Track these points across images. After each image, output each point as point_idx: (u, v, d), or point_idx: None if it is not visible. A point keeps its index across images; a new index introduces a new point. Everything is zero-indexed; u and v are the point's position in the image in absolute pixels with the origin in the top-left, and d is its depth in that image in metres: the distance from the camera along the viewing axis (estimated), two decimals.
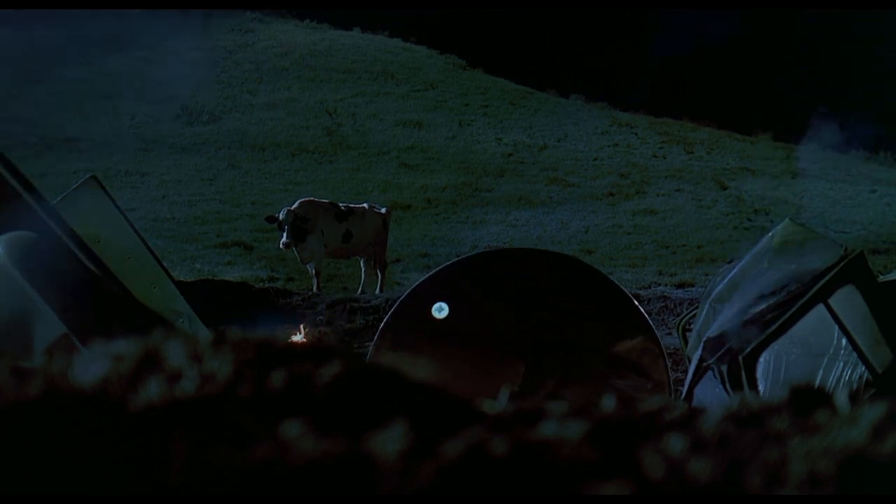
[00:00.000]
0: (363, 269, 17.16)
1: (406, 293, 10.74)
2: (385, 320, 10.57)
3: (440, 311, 10.06)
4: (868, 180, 30.05)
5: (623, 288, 10.47)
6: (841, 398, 1.42)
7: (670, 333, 11.92)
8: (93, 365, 1.37)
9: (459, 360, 10.19)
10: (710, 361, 8.03)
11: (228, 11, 37.53)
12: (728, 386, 7.90)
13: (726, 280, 8.59)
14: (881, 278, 8.52)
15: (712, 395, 7.89)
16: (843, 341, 7.64)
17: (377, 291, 16.03)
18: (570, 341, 9.94)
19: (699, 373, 8.13)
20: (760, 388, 7.81)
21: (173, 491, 1.13)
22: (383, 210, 17.61)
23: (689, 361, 8.46)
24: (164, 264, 8.04)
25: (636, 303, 9.95)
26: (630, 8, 37.77)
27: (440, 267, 11.31)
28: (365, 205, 17.58)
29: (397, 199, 25.17)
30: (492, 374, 10.21)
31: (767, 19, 37.17)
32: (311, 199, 17.16)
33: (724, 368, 7.97)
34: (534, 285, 10.06)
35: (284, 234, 15.95)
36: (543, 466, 1.19)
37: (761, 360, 7.89)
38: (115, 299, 6.63)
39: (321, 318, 13.25)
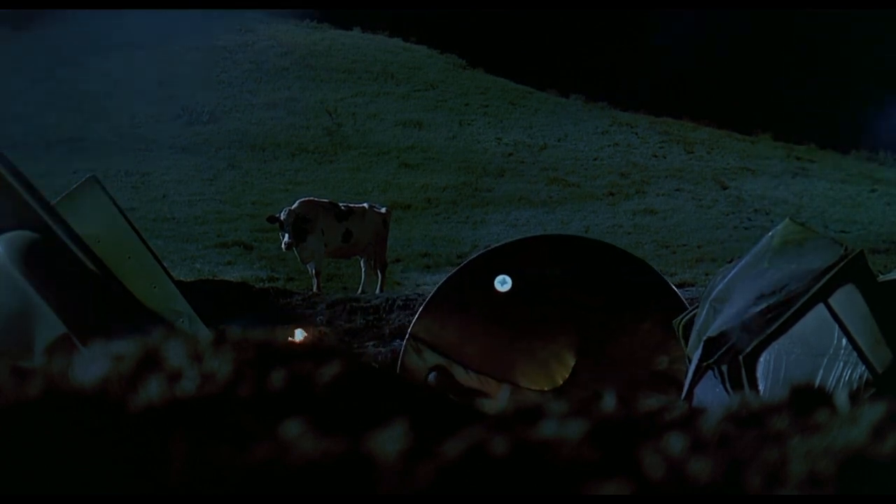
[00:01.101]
0: (363, 269, 17.15)
1: (463, 265, 10.60)
2: (440, 286, 10.44)
3: (503, 283, 9.94)
4: (868, 180, 30.05)
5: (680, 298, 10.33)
6: (841, 398, 1.42)
7: None
8: (93, 365, 1.37)
9: (509, 340, 10.08)
10: (710, 361, 8.02)
11: (228, 11, 37.51)
12: (728, 386, 7.90)
13: (726, 280, 8.58)
14: (881, 278, 8.51)
15: (712, 395, 7.88)
16: (843, 341, 7.63)
17: (377, 291, 16.02)
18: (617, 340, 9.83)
19: (699, 373, 8.13)
20: (760, 388, 7.80)
21: (173, 491, 1.13)
22: (383, 210, 17.60)
23: (689, 361, 8.46)
24: (164, 264, 8.04)
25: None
26: (630, 8, 37.77)
27: (501, 244, 11.16)
28: (365, 205, 17.58)
29: (397, 199, 25.17)
30: (539, 362, 10.10)
31: (767, 19, 37.16)
32: (311, 199, 17.15)
33: (724, 368, 7.96)
34: (586, 271, 9.95)
35: (286, 235, 15.94)
36: (543, 466, 1.19)
37: (761, 360, 7.89)
38: (115, 299, 6.63)
39: (321, 318, 13.24)
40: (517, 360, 10.21)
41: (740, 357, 7.90)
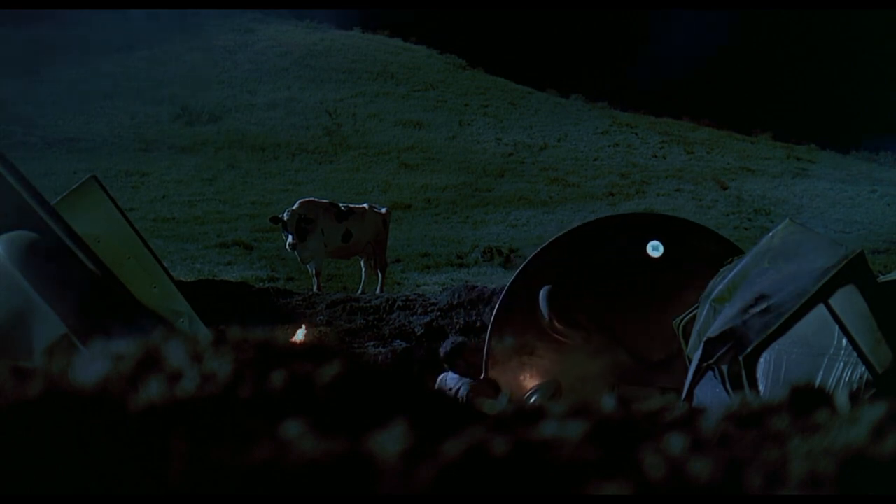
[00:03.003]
0: (363, 269, 17.16)
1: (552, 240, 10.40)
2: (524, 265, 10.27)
3: (655, 249, 9.78)
4: (868, 180, 30.07)
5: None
6: (841, 398, 1.42)
7: None
8: (93, 365, 1.37)
9: (622, 305, 9.89)
10: (710, 361, 8.02)
11: (228, 11, 37.52)
12: (728, 386, 7.90)
13: (726, 280, 8.58)
14: (881, 278, 8.51)
15: (712, 395, 7.88)
16: (844, 341, 7.63)
17: (377, 291, 16.02)
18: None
19: (699, 373, 8.12)
20: (760, 388, 7.80)
21: (173, 491, 1.13)
22: (383, 210, 17.61)
23: (689, 361, 8.45)
24: (164, 264, 8.04)
25: None
26: (630, 8, 37.78)
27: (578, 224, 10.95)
28: (365, 205, 17.58)
29: (397, 199, 25.18)
30: (643, 340, 9.91)
31: (768, 19, 37.17)
32: (311, 199, 17.16)
33: (724, 368, 7.96)
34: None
35: (290, 236, 15.95)
36: (543, 466, 1.19)
37: (761, 360, 7.88)
38: (115, 299, 6.63)
39: (321, 318, 13.24)
40: (626, 326, 10.02)
41: (740, 357, 7.90)
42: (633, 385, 9.54)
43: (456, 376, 9.47)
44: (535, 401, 9.61)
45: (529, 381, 9.85)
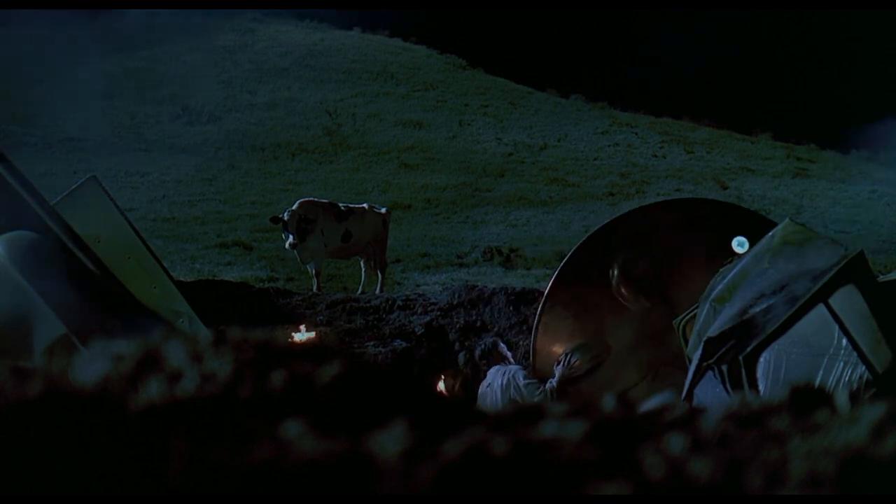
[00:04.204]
0: (363, 269, 17.16)
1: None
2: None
3: (741, 245, 9.74)
4: (868, 180, 30.07)
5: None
6: (841, 398, 1.42)
7: None
8: (93, 365, 1.37)
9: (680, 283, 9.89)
10: (710, 361, 8.01)
11: (229, 11, 37.53)
12: (728, 386, 7.89)
13: (726, 280, 8.58)
14: (881, 278, 8.50)
15: (712, 395, 7.88)
16: (844, 341, 7.62)
17: (377, 291, 16.02)
18: None
19: (699, 373, 8.12)
20: (760, 388, 7.80)
21: (173, 491, 1.13)
22: (383, 210, 17.60)
23: (689, 361, 8.45)
24: (164, 264, 8.04)
25: None
26: (630, 8, 37.78)
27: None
28: (365, 205, 17.58)
29: (397, 199, 25.18)
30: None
31: (768, 19, 37.17)
32: (311, 199, 17.16)
33: (724, 368, 7.96)
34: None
35: (291, 236, 15.94)
36: (543, 466, 1.19)
37: (761, 360, 7.88)
38: (115, 299, 6.63)
39: (321, 318, 13.23)
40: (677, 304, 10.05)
41: (740, 357, 7.89)
42: (676, 368, 9.54)
43: (495, 368, 9.51)
44: (576, 357, 9.70)
45: (580, 338, 9.88)
